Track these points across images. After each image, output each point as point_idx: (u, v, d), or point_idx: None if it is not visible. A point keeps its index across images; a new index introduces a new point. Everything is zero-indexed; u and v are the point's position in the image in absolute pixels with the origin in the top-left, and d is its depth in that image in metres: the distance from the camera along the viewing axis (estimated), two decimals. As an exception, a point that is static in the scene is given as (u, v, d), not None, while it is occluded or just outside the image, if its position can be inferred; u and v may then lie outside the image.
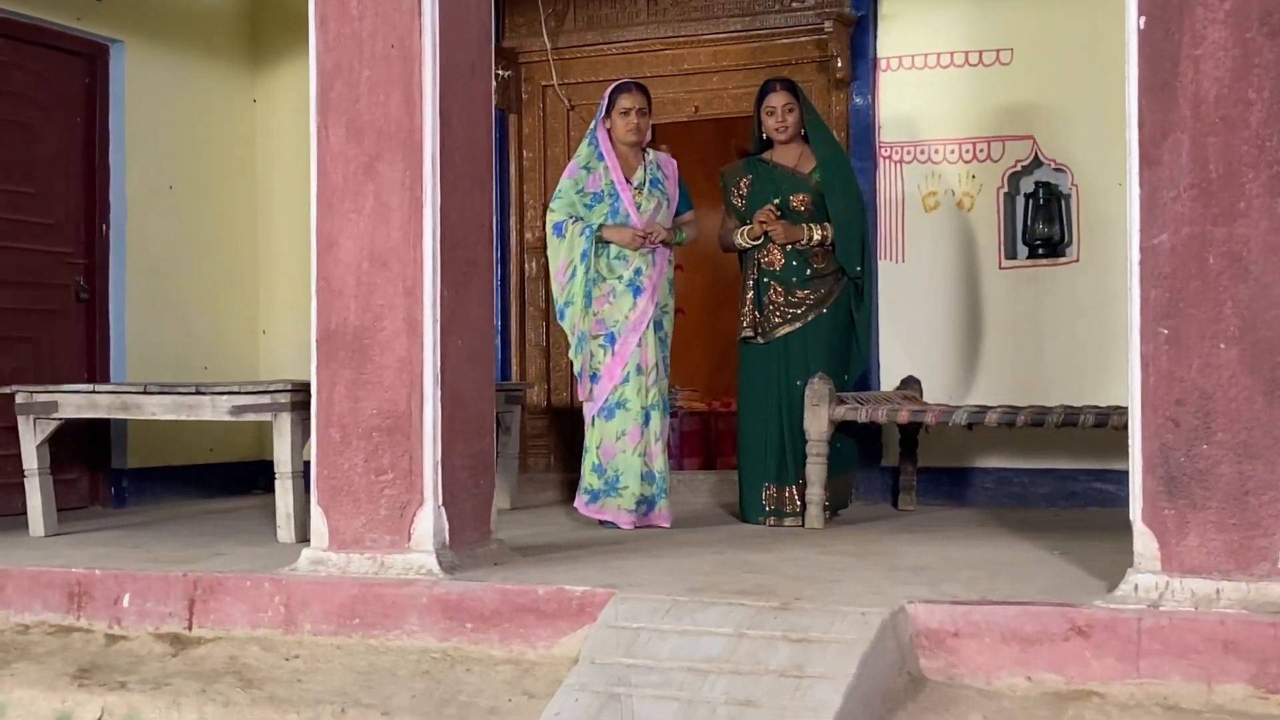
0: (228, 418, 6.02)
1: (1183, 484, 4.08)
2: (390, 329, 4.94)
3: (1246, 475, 4.03)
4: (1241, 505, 4.03)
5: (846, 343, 6.62)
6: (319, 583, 4.86)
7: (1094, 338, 7.00)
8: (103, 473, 7.61)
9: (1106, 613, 4.06)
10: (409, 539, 4.90)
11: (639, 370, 6.36)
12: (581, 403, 6.53)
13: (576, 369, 6.44)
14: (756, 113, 6.69)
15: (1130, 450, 4.17)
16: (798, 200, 6.56)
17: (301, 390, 5.91)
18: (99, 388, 6.31)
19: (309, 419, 5.08)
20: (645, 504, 6.38)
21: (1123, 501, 6.86)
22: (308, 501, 5.27)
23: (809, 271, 6.53)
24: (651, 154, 6.60)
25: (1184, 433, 4.09)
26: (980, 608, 4.19)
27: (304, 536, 5.79)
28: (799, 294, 6.53)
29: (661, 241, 6.42)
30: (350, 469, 4.98)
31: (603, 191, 6.45)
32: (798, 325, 6.53)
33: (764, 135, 6.69)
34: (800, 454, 6.40)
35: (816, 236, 6.48)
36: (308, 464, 5.39)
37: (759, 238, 6.56)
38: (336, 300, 5.01)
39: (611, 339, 6.37)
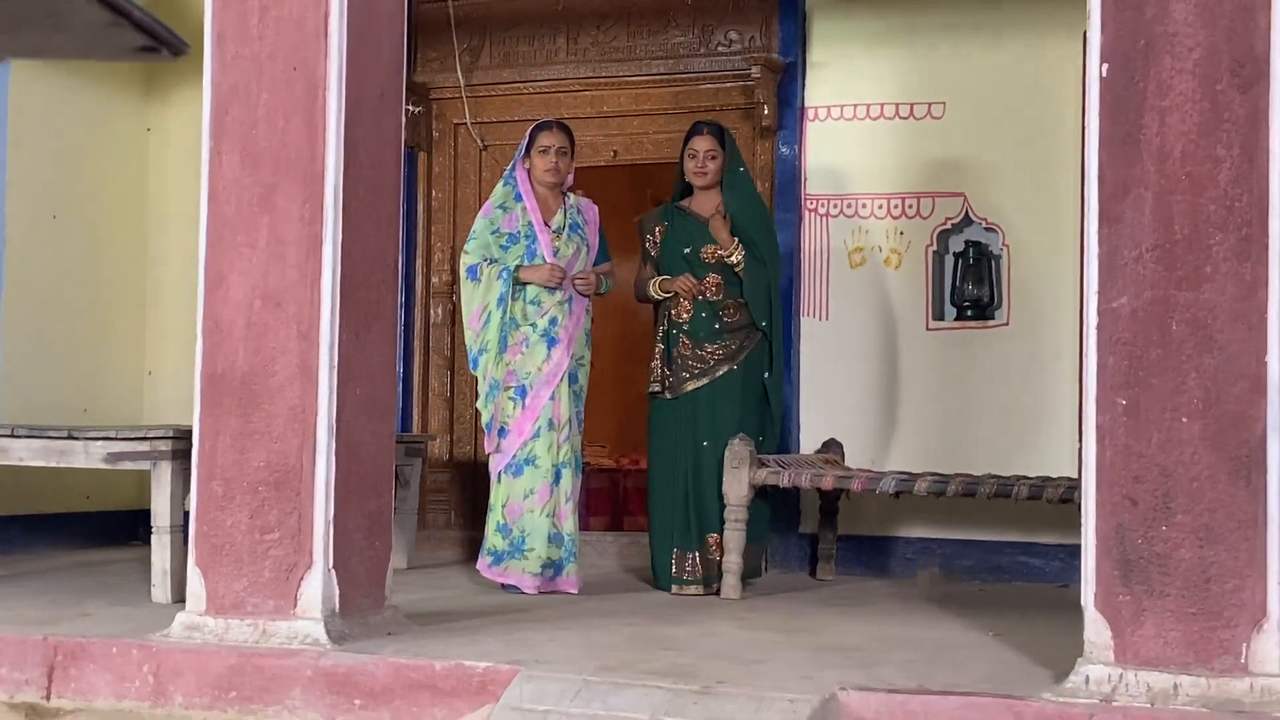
0: (102, 465, 5.57)
1: (1140, 568, 3.78)
2: (282, 375, 4.54)
3: (1208, 561, 3.73)
4: (1203, 593, 3.73)
5: (760, 402, 6.29)
6: (193, 651, 4.43)
7: (1023, 405, 6.74)
8: (-34, 520, 7.09)
9: (1055, 706, 3.74)
10: (295, 605, 4.49)
11: (550, 425, 5.99)
12: (488, 456, 6.15)
13: (485, 420, 6.05)
14: (682, 154, 6.40)
15: (1083, 530, 3.87)
16: (708, 252, 6.25)
17: (184, 437, 5.46)
18: (-37, 429, 5.83)
19: (191, 468, 4.66)
20: (552, 568, 5.99)
21: (1049, 576, 6.68)
22: (187, 558, 4.84)
23: (717, 325, 6.22)
24: (572, 198, 6.26)
25: (1142, 513, 3.79)
26: (919, 697, 3.86)
27: (181, 596, 5.30)
28: (707, 348, 6.21)
29: (585, 292, 6.08)
30: (233, 526, 4.56)
31: (519, 233, 6.10)
32: (705, 381, 6.20)
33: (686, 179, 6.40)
34: (704, 518, 6.07)
35: (735, 259, 6.15)
36: (190, 516, 4.97)
37: (670, 293, 6.25)
38: (224, 341, 4.60)
39: (523, 391, 5.99)
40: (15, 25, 1.39)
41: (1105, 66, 3.89)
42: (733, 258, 6.19)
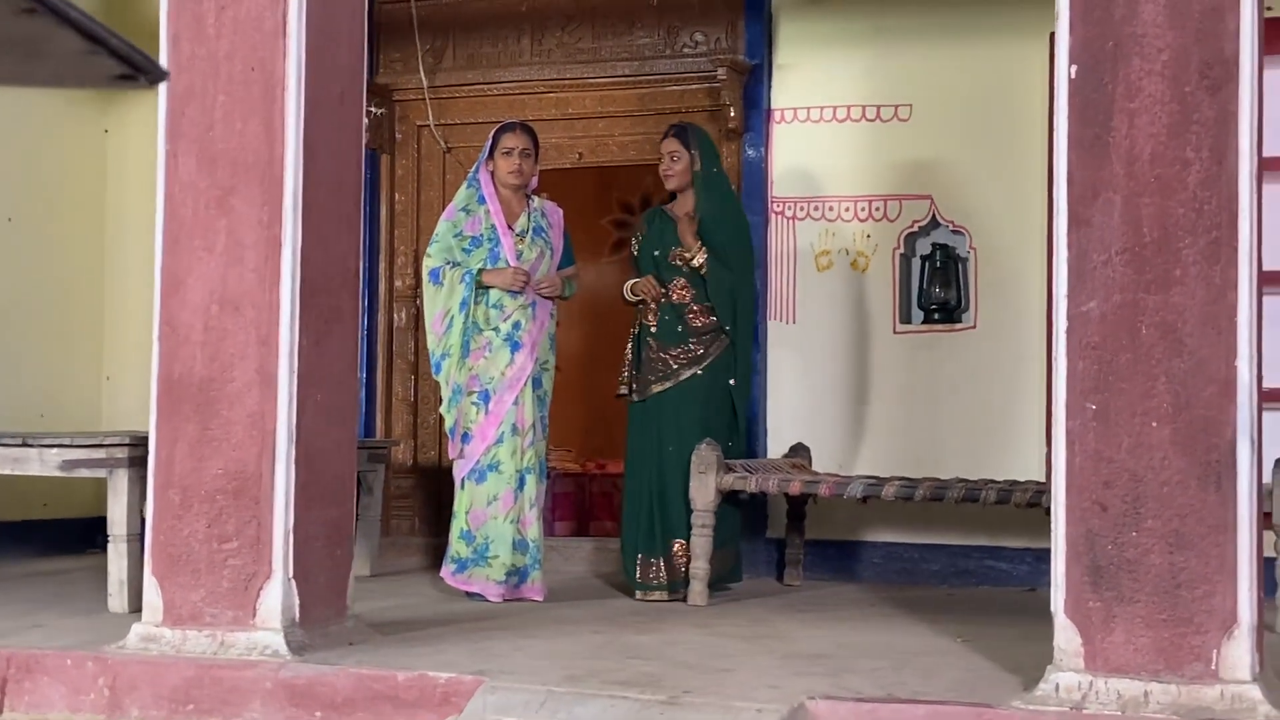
0: (57, 473, 5.47)
1: (1110, 574, 3.74)
2: (241, 381, 4.46)
3: (1178, 567, 3.70)
4: (1173, 599, 3.69)
5: (727, 407, 6.23)
6: (150, 662, 4.35)
7: (990, 408, 6.70)
8: (-80, 528, 6.97)
9: (1025, 715, 3.70)
10: (254, 615, 4.41)
11: (514, 431, 5.92)
12: (451, 462, 6.07)
13: (448, 425, 5.98)
14: None
15: (1053, 536, 3.83)
16: (675, 255, 6.20)
17: (141, 444, 5.36)
18: (-86, 436, 5.72)
19: (148, 475, 4.58)
20: (516, 575, 5.92)
21: (1017, 580, 6.64)
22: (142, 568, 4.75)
23: (681, 328, 6.16)
24: (536, 200, 6.19)
25: (1112, 518, 3.75)
26: (887, 705, 3.81)
27: (138, 607, 5.23)
28: (671, 352, 6.16)
29: (548, 295, 6.01)
30: (190, 535, 4.47)
31: (482, 236, 6.03)
32: (669, 384, 6.14)
33: None
34: (668, 522, 6.02)
35: (696, 262, 6.11)
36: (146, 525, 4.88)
37: (640, 296, 6.21)
38: (181, 347, 4.51)
39: (486, 396, 5.92)
40: None
41: (1074, 68, 3.85)
42: (694, 261, 6.14)
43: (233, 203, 4.48)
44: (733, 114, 6.98)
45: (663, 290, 6.20)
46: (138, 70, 1.33)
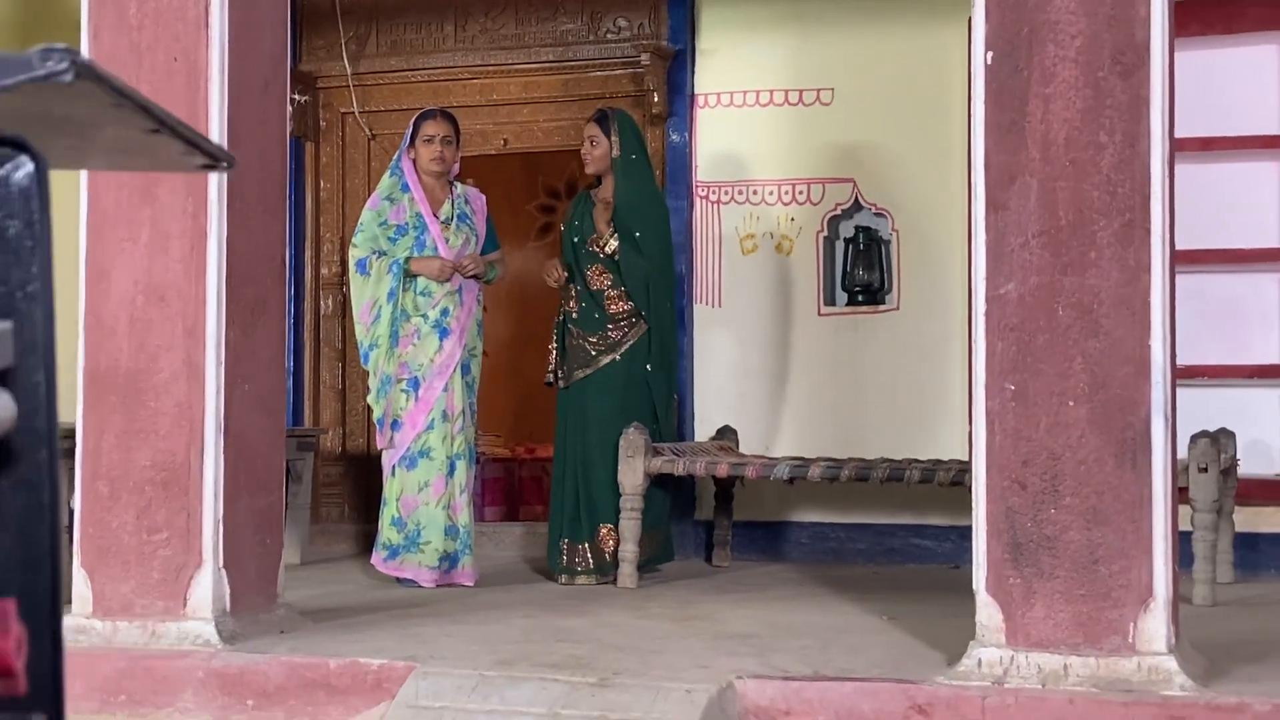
0: (-17, 466, 5.42)
1: (1029, 551, 3.83)
2: (168, 371, 4.46)
3: (1096, 542, 3.79)
4: (1091, 575, 3.79)
5: (647, 393, 6.27)
6: (80, 654, 4.33)
7: (914, 389, 6.79)
8: None
9: (949, 689, 3.79)
10: (185, 605, 4.41)
11: (444, 417, 5.94)
12: (380, 450, 6.09)
13: (377, 415, 5.99)
14: None
15: (974, 514, 3.91)
16: (591, 241, 6.24)
17: (68, 436, 5.33)
18: None
19: (74, 468, 4.57)
20: (447, 560, 5.94)
21: (941, 557, 6.75)
22: (70, 560, 4.74)
23: (598, 315, 6.20)
24: (460, 187, 6.21)
25: (1031, 496, 3.84)
26: (814, 684, 3.89)
27: (68, 599, 5.22)
28: (590, 339, 6.21)
29: (473, 275, 6.03)
30: (120, 527, 4.47)
31: (407, 224, 6.04)
32: (589, 370, 6.19)
33: None
34: (593, 508, 6.06)
35: (609, 249, 6.16)
36: (75, 517, 4.87)
37: (557, 280, 6.25)
38: (107, 339, 4.50)
39: (415, 383, 5.93)
40: (99, 148, 1.48)
41: (990, 54, 3.93)
42: (607, 248, 6.18)
43: (157, 192, 4.48)
44: (656, 99, 7.02)
45: (565, 273, 6.23)
46: (217, 160, 1.49)
